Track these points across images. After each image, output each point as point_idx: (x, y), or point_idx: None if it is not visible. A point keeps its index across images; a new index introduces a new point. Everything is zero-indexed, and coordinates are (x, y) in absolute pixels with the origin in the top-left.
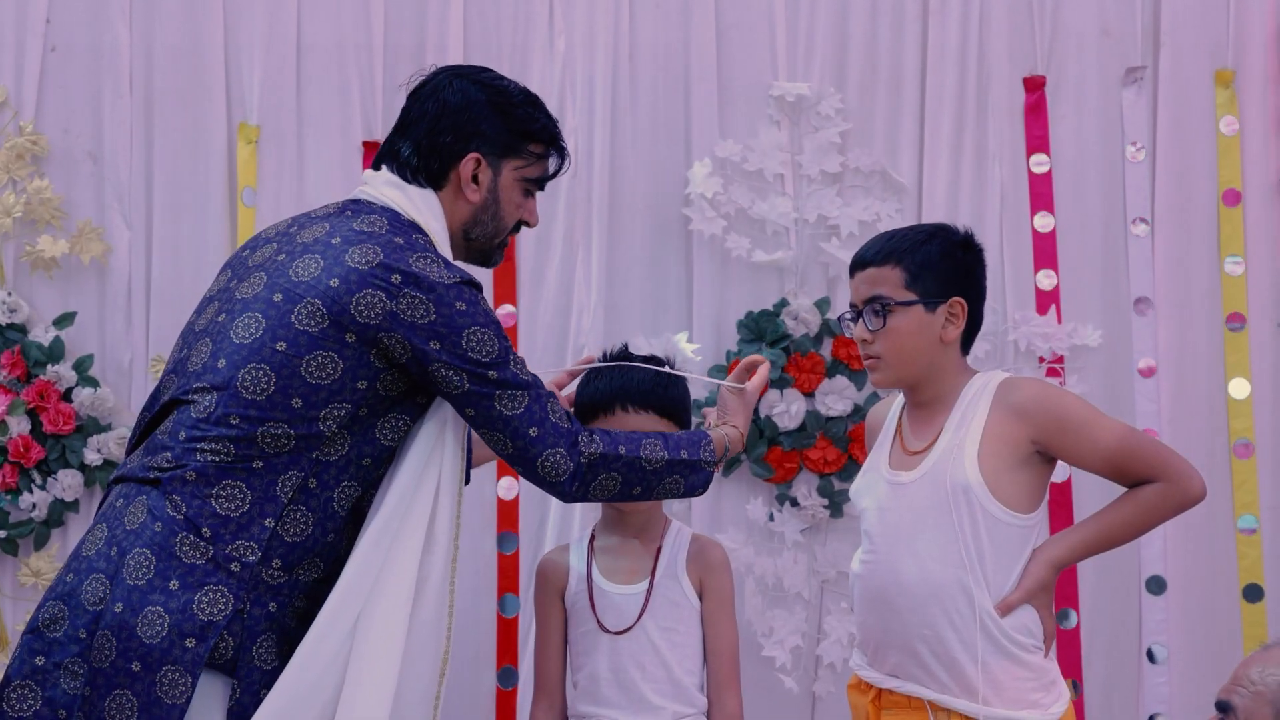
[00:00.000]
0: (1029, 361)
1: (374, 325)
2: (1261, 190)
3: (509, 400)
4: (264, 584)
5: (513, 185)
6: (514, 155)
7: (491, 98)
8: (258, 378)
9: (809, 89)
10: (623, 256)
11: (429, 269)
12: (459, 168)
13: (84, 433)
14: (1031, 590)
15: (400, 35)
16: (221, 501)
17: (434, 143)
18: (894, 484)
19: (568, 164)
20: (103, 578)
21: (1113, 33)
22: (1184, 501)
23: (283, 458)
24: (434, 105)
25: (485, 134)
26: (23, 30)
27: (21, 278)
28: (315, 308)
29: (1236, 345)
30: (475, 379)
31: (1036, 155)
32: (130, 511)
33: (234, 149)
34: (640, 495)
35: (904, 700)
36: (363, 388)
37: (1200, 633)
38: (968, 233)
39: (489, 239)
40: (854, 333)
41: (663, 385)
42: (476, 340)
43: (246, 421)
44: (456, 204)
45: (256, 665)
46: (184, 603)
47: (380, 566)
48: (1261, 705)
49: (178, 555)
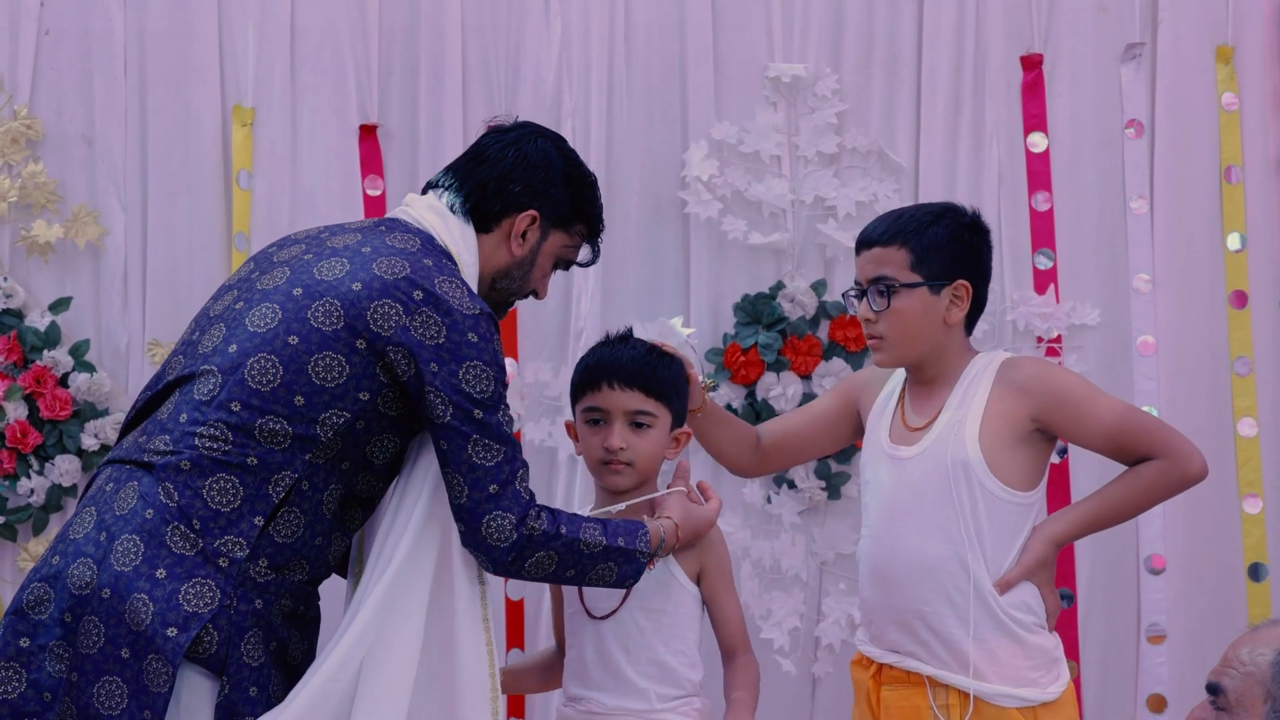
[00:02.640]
0: (1027, 341)
1: (385, 336)
2: (1261, 166)
3: (483, 449)
4: (251, 581)
5: (551, 255)
6: (565, 229)
7: (568, 168)
8: (265, 368)
9: (805, 70)
10: (619, 240)
11: (452, 293)
12: (515, 218)
13: (81, 418)
14: (1031, 567)
15: (395, 17)
16: (214, 495)
17: (502, 188)
18: (895, 459)
19: (596, 261)
20: (90, 562)
21: (1110, 9)
22: (1184, 479)
23: (277, 456)
24: (514, 154)
25: (552, 198)
26: (17, 14)
27: (17, 262)
28: (333, 307)
29: (1239, 323)
30: (459, 414)
31: (1034, 134)
32: (120, 496)
33: (229, 131)
34: (573, 579)
35: (904, 675)
36: (364, 399)
37: (1202, 612)
38: (975, 214)
39: (509, 295)
40: (858, 311)
41: (651, 364)
42: (474, 375)
43: (247, 410)
44: (497, 251)
45: (244, 662)
46: (169, 592)
47: (390, 611)
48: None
49: (167, 544)
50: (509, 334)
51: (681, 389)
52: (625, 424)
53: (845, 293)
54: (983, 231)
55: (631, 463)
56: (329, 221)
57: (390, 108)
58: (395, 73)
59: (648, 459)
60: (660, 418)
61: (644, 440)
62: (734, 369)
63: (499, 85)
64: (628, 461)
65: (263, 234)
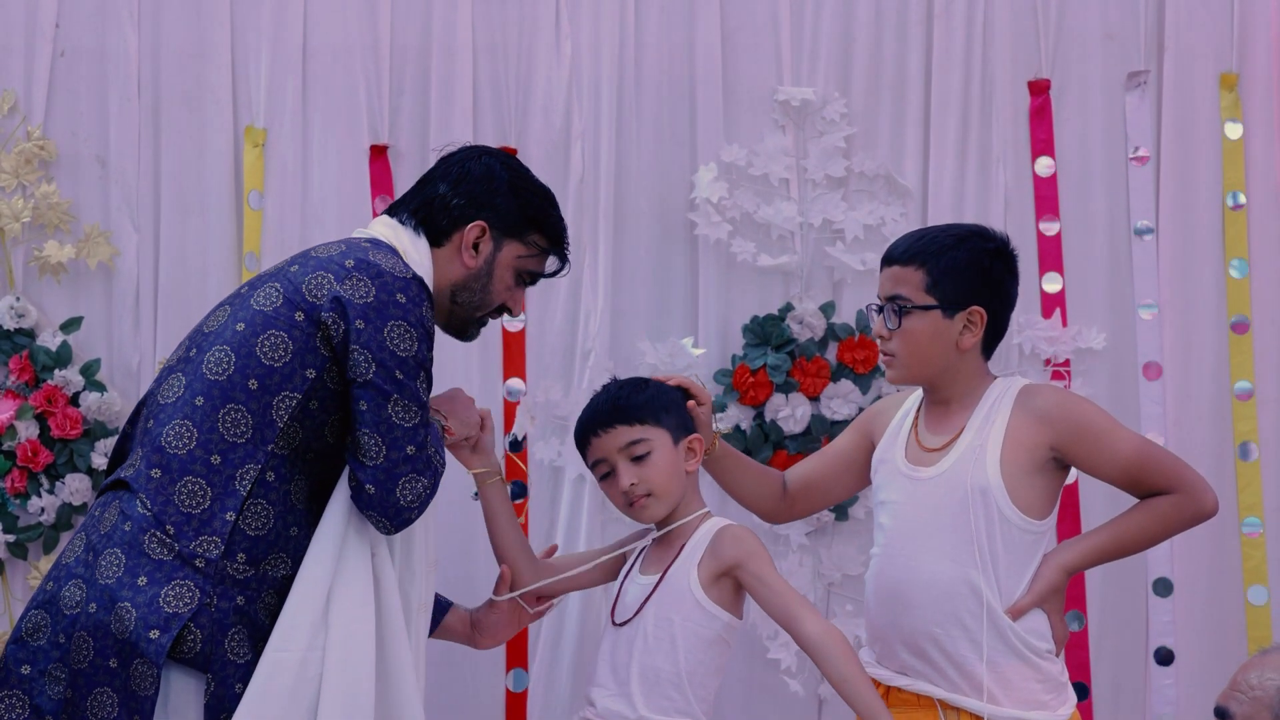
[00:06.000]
0: (1034, 365)
1: (318, 304)
2: (1265, 194)
3: (403, 409)
4: (230, 578)
5: (508, 267)
6: (518, 239)
7: (513, 179)
8: (220, 358)
9: (814, 93)
10: (628, 261)
11: (383, 259)
12: (464, 231)
13: (91, 437)
14: (1043, 594)
15: (407, 39)
16: (184, 498)
17: (446, 203)
18: (912, 479)
19: (567, 269)
20: (80, 582)
21: (1116, 36)
22: (1197, 515)
23: (239, 450)
24: (457, 170)
25: (498, 208)
26: (32, 35)
27: (30, 282)
28: (273, 289)
29: (1240, 348)
30: (382, 372)
31: (1041, 159)
32: (105, 518)
33: (240, 152)
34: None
35: (913, 699)
36: (310, 376)
37: (1207, 635)
38: (1002, 240)
39: (472, 309)
40: (874, 326)
41: (622, 397)
42: (399, 333)
43: (209, 402)
44: (451, 264)
45: (230, 659)
46: (150, 597)
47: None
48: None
49: (146, 552)
50: (518, 354)
51: (666, 403)
52: (626, 461)
53: (867, 306)
54: (1006, 258)
55: (649, 493)
56: None
57: (401, 128)
58: (406, 94)
59: (662, 481)
60: (654, 439)
61: (649, 467)
62: (743, 390)
63: (509, 106)
64: (645, 493)
65: (273, 254)
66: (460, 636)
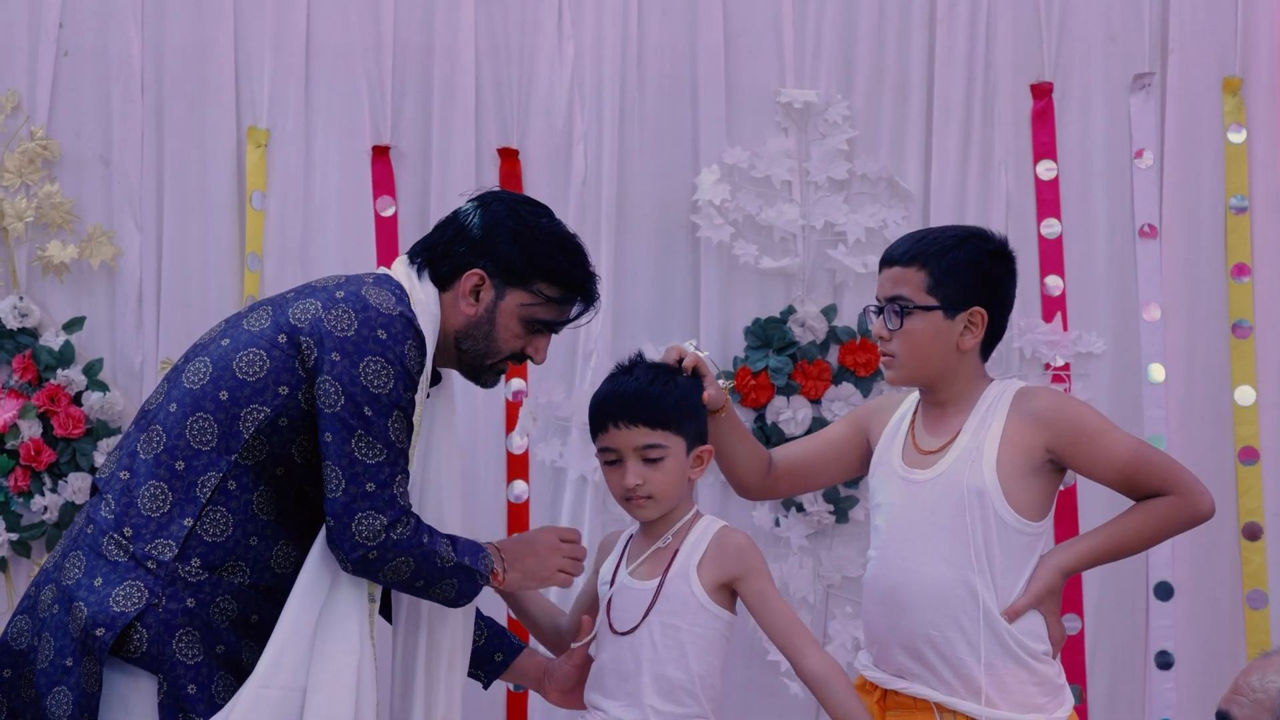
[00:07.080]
0: (1034, 368)
1: (300, 328)
2: (1268, 198)
3: (367, 446)
4: (181, 580)
5: (512, 315)
6: (521, 287)
7: (518, 226)
8: (198, 369)
9: (816, 96)
10: (630, 263)
11: (375, 296)
12: (461, 279)
13: (94, 436)
14: (1039, 595)
15: (409, 40)
16: (145, 501)
17: (449, 250)
18: (908, 481)
19: (591, 314)
20: (53, 586)
21: (1119, 39)
22: (1194, 517)
23: (203, 457)
24: (465, 216)
25: (498, 256)
26: (36, 35)
27: (33, 282)
28: (264, 312)
29: (1242, 352)
30: (350, 406)
31: (1043, 162)
32: (77, 520)
33: (243, 152)
34: (420, 589)
35: (910, 701)
36: (284, 393)
37: (1206, 639)
38: (1001, 241)
39: (479, 357)
40: (873, 327)
41: (654, 395)
42: (374, 369)
43: (181, 409)
44: (454, 310)
45: (179, 660)
46: (103, 597)
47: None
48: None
49: (104, 554)
50: None
51: (692, 408)
52: (637, 460)
53: (866, 307)
54: (1006, 260)
55: (651, 495)
56: (340, 241)
57: (403, 129)
58: (408, 94)
59: (666, 489)
60: (671, 446)
61: (658, 473)
62: (744, 392)
63: (511, 108)
64: (647, 495)
65: (275, 254)
66: (531, 682)
